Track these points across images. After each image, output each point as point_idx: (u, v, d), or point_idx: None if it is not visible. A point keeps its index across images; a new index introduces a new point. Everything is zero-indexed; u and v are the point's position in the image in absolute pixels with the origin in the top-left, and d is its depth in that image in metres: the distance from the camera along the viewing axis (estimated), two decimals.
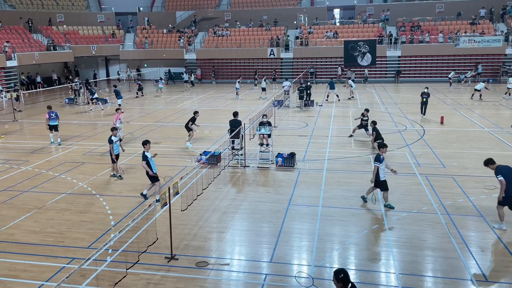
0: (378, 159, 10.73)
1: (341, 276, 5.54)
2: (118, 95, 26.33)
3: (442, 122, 21.09)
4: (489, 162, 9.84)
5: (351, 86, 30.15)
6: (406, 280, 7.86)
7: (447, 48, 39.25)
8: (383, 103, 28.13)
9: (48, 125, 18.42)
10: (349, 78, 34.08)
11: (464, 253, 8.74)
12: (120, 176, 13.91)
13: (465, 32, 39.90)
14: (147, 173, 11.54)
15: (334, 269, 5.71)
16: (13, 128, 22.37)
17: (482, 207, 10.89)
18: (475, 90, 28.16)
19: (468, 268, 8.21)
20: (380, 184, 10.83)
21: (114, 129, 13.95)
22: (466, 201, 11.37)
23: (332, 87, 28.83)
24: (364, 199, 11.35)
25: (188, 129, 17.64)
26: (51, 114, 18.45)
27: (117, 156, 13.87)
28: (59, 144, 18.33)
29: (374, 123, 16.39)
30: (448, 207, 10.96)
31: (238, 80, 32.90)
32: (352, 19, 46.82)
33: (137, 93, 33.98)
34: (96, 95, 28.51)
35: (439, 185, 12.56)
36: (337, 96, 29.33)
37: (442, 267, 8.27)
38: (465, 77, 36.75)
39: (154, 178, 11.59)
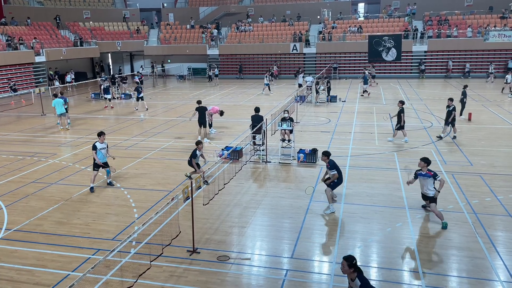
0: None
1: (354, 262, 5.57)
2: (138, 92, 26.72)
3: (469, 119, 20.55)
4: (324, 154, 10.60)
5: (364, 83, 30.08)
6: (430, 279, 7.72)
7: (475, 43, 38.13)
8: (408, 98, 27.60)
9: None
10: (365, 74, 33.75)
11: (491, 253, 8.51)
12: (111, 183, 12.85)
13: (495, 27, 38.63)
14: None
15: (343, 256, 5.68)
16: (41, 122, 23.01)
17: (510, 207, 10.57)
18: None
19: (495, 268, 7.99)
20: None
21: (101, 134, 12.44)
22: (494, 200, 11.05)
23: (365, 82, 29.38)
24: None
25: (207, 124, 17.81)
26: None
27: (105, 163, 12.52)
28: (69, 123, 21.30)
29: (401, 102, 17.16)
30: (475, 206, 10.69)
31: (266, 75, 32.54)
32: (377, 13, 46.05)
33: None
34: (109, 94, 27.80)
35: (466, 183, 12.26)
36: (365, 91, 29.49)
37: (468, 267, 8.08)
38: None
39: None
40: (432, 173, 9.59)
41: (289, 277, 7.92)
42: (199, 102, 18.31)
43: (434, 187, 9.63)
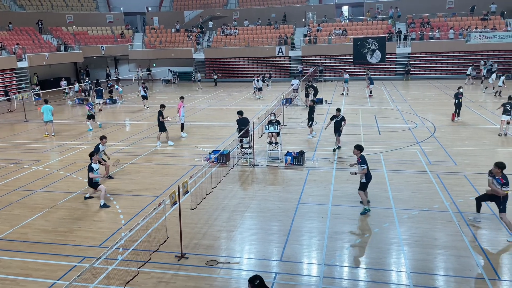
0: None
1: (257, 282, 5.29)
2: (98, 94, 27.26)
3: (453, 119, 20.87)
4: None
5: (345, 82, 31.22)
6: (418, 278, 7.79)
7: (457, 45, 38.81)
8: (392, 100, 27.92)
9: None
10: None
11: (476, 251, 8.63)
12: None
13: (476, 28, 39.38)
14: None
15: (249, 277, 5.38)
16: (25, 128, 22.63)
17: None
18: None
19: (480, 266, 8.11)
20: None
21: (103, 137, 13.77)
22: None
23: (371, 82, 29.90)
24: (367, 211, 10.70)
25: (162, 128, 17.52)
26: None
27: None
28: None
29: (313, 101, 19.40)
30: (459, 205, 10.85)
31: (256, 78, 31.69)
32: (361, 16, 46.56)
33: None
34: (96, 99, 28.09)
35: (451, 183, 12.43)
36: (370, 92, 30.12)
37: (454, 266, 8.18)
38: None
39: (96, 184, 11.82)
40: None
41: (278, 280, 7.91)
42: (162, 106, 18.07)
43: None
